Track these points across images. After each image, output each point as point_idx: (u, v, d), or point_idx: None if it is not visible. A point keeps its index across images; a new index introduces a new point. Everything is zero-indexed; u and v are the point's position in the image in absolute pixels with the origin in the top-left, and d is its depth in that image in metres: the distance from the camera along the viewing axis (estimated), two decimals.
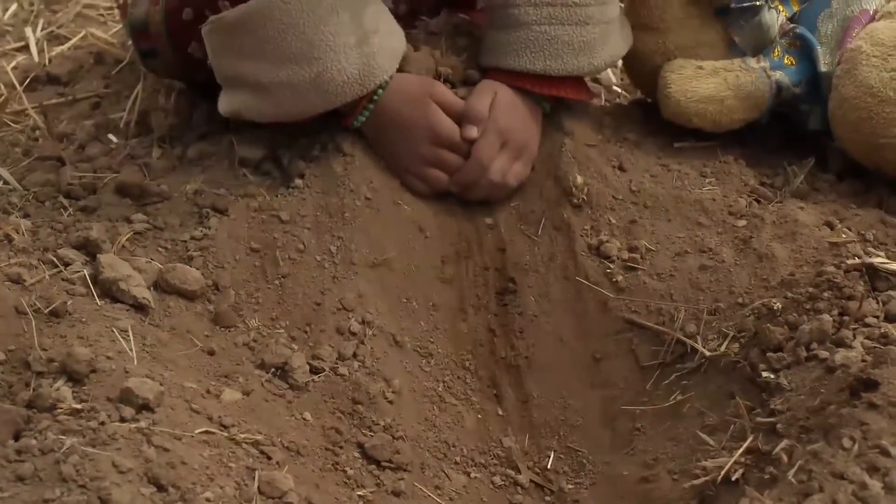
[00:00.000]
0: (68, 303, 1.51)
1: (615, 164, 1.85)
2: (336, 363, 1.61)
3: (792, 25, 1.95)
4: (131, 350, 1.46)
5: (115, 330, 1.49)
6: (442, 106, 1.79)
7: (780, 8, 1.97)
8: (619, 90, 2.19)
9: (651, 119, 2.01)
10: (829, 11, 1.94)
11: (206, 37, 1.82)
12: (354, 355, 1.63)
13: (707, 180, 1.86)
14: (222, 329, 1.61)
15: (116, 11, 2.53)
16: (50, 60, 2.38)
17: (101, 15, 2.58)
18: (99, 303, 1.54)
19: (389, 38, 1.79)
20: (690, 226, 1.78)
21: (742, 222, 1.78)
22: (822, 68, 1.90)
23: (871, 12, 1.93)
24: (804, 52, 1.92)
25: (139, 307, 1.57)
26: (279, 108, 1.77)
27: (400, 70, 1.80)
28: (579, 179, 1.79)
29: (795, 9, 1.99)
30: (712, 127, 1.90)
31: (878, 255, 1.63)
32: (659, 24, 1.94)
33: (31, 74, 2.31)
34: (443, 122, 1.79)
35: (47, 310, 1.50)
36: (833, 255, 1.67)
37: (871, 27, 1.88)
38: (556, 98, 1.85)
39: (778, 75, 1.90)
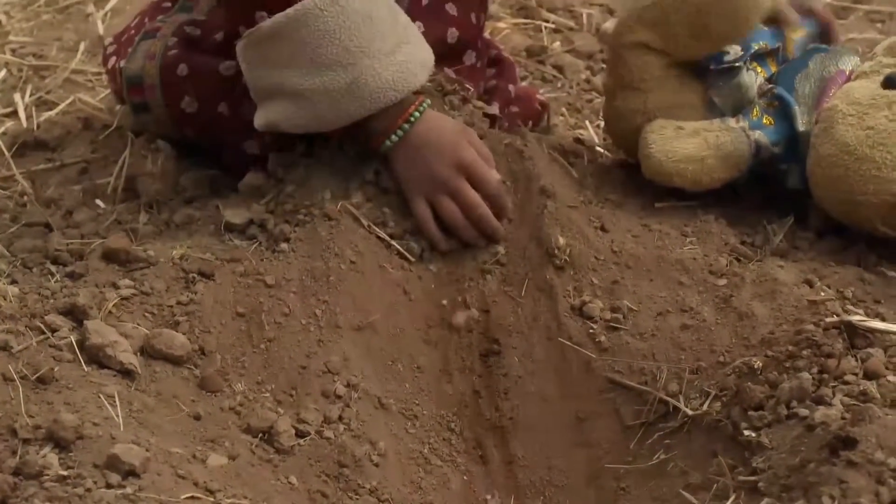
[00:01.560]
0: (55, 369, 1.52)
1: (597, 225, 1.87)
2: (322, 426, 1.62)
3: (770, 86, 1.98)
4: (118, 416, 1.47)
5: (101, 396, 1.50)
6: (473, 146, 1.84)
7: (759, 69, 2.00)
8: (602, 150, 2.21)
9: (632, 179, 2.04)
10: (807, 72, 1.98)
11: (240, 52, 1.84)
12: (340, 418, 1.64)
13: (688, 240, 1.88)
14: (208, 393, 1.63)
15: (104, 77, 2.57)
16: (38, 126, 2.40)
17: (90, 80, 2.60)
18: (86, 369, 1.56)
19: (421, 49, 1.84)
20: (672, 285, 1.80)
21: (723, 281, 1.80)
22: (801, 128, 1.93)
23: (847, 72, 1.97)
24: (782, 112, 1.96)
25: (126, 373, 1.58)
26: (315, 116, 1.80)
27: None
28: (561, 241, 1.81)
29: (773, 69, 2.02)
30: (692, 186, 1.93)
31: (857, 313, 1.65)
32: (640, 85, 1.97)
33: (20, 140, 2.33)
34: (474, 156, 1.82)
35: (34, 376, 1.51)
36: (812, 313, 1.69)
37: (847, 87, 1.92)
38: None
39: (757, 135, 1.93)
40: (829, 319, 1.63)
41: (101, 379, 1.54)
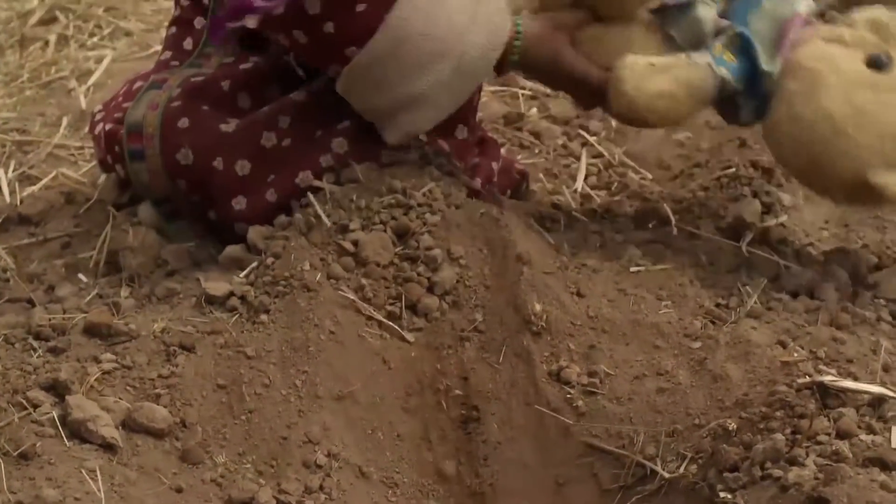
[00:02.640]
0: (37, 445, 1.54)
1: (573, 291, 1.89)
2: (303, 496, 1.64)
3: (728, 23, 2.00)
4: (99, 490, 1.49)
5: (83, 471, 1.52)
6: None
7: (711, 3, 2.02)
8: (578, 215, 2.24)
9: (608, 244, 2.07)
10: (761, 11, 2.00)
11: (345, 89, 1.97)
12: (321, 488, 1.65)
13: (663, 303, 1.90)
14: (190, 466, 1.64)
15: (87, 152, 2.60)
16: (21, 201, 2.41)
17: (72, 155, 2.62)
18: (68, 444, 1.57)
19: (494, 1, 1.94)
20: (648, 349, 1.82)
21: (697, 344, 1.82)
22: (763, 66, 1.96)
23: (804, 16, 2.00)
24: (743, 49, 1.97)
25: (107, 447, 1.59)
26: (442, 108, 1.96)
27: None
28: (538, 307, 1.83)
29: (723, 5, 2.04)
30: (661, 122, 1.99)
31: (829, 373, 1.68)
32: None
33: (3, 215, 2.35)
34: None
35: (16, 452, 1.52)
36: (785, 374, 1.71)
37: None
38: None
39: (723, 71, 1.95)
40: (801, 380, 1.65)
41: (82, 454, 1.56)
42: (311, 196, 1.93)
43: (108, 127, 2.14)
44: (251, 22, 1.93)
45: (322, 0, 1.89)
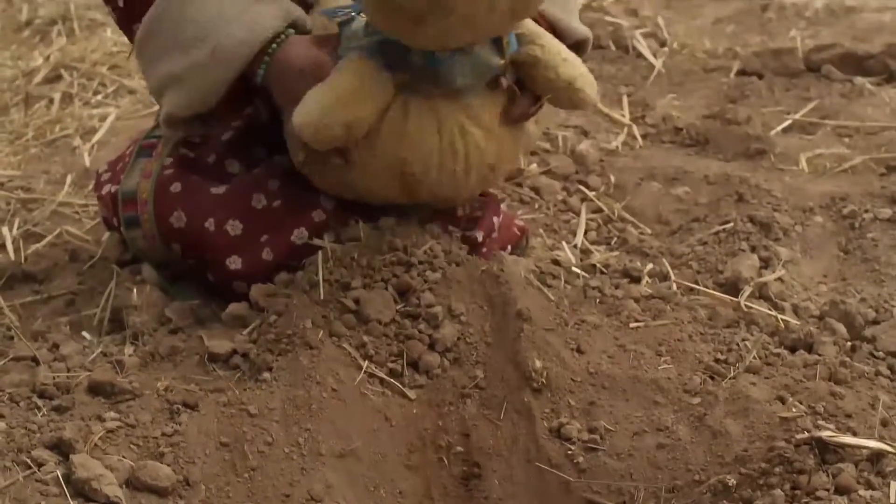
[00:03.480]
0: None
1: (573, 347, 1.91)
2: None
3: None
4: None
5: None
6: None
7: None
8: (578, 271, 2.26)
9: (608, 300, 2.09)
10: None
11: (141, 71, 2.01)
12: None
13: (663, 359, 1.92)
14: None
15: (90, 210, 2.62)
16: (26, 259, 2.43)
17: (76, 212, 2.65)
18: (72, 503, 1.58)
19: (277, 6, 1.95)
20: (648, 405, 1.83)
21: (697, 400, 1.83)
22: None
23: None
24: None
25: None
26: (195, 92, 1.97)
27: None
28: (538, 364, 1.85)
29: None
30: (348, 132, 1.91)
31: (828, 429, 1.69)
32: None
33: (8, 273, 2.36)
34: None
35: None
36: (784, 429, 1.72)
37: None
38: None
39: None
40: (800, 436, 1.66)
41: None
42: (317, 255, 1.95)
43: (113, 189, 2.17)
44: None
45: None
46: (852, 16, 3.75)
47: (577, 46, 2.11)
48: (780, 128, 2.99)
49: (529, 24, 1.97)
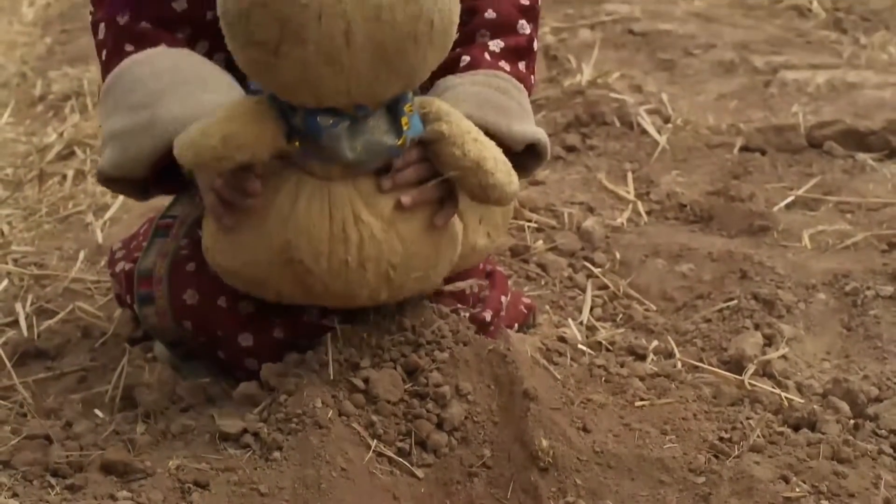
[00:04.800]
0: None
1: (579, 426, 1.93)
2: None
3: None
4: None
5: None
6: None
7: None
8: (584, 348, 2.29)
9: (614, 378, 2.12)
10: None
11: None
12: None
13: (668, 437, 1.94)
14: None
15: (102, 286, 2.66)
16: (39, 335, 2.46)
17: (89, 289, 2.68)
18: None
19: (221, 96, 1.94)
20: (653, 484, 1.85)
21: (701, 479, 1.85)
22: None
23: None
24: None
25: None
26: (124, 154, 1.97)
27: None
28: (545, 443, 1.87)
29: None
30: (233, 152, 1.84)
31: None
32: None
33: (21, 349, 2.39)
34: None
35: None
36: None
37: None
38: None
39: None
40: None
41: None
42: (327, 335, 1.98)
43: (127, 267, 2.21)
44: None
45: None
46: (853, 92, 3.80)
47: (532, 152, 2.06)
48: (782, 203, 3.03)
49: (439, 104, 1.90)
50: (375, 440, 1.87)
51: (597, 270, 2.69)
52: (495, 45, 2.09)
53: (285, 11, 1.67)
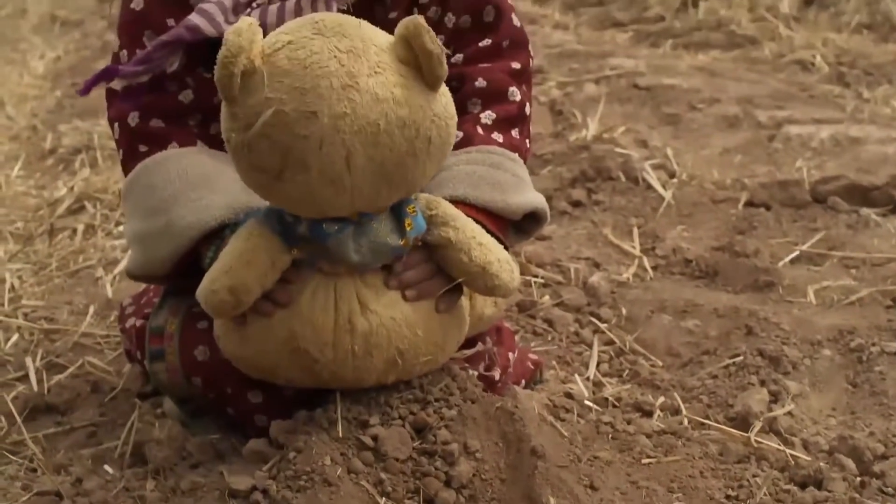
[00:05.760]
0: None
1: (586, 483, 1.93)
2: None
3: None
4: None
5: None
6: None
7: None
8: (591, 404, 2.30)
9: (620, 435, 2.13)
10: None
11: None
12: None
13: (675, 496, 1.95)
14: None
15: (112, 340, 2.68)
16: (49, 390, 2.48)
17: (98, 343, 2.70)
18: None
19: (229, 197, 2.01)
20: None
21: None
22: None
23: None
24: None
25: None
26: (147, 256, 2.07)
27: None
28: (553, 501, 1.87)
29: None
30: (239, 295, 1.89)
31: None
32: None
33: (31, 404, 2.40)
34: None
35: None
36: None
37: None
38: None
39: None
40: None
41: None
42: (335, 392, 2.00)
43: (138, 323, 2.24)
44: (117, 84, 2.11)
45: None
46: (857, 147, 3.83)
47: (533, 218, 2.13)
48: (787, 259, 3.05)
49: (445, 207, 1.94)
50: (384, 498, 1.88)
51: (603, 326, 2.70)
52: (487, 116, 2.13)
53: (287, 142, 1.73)
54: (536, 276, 2.91)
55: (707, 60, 5.12)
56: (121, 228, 3.36)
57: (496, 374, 2.15)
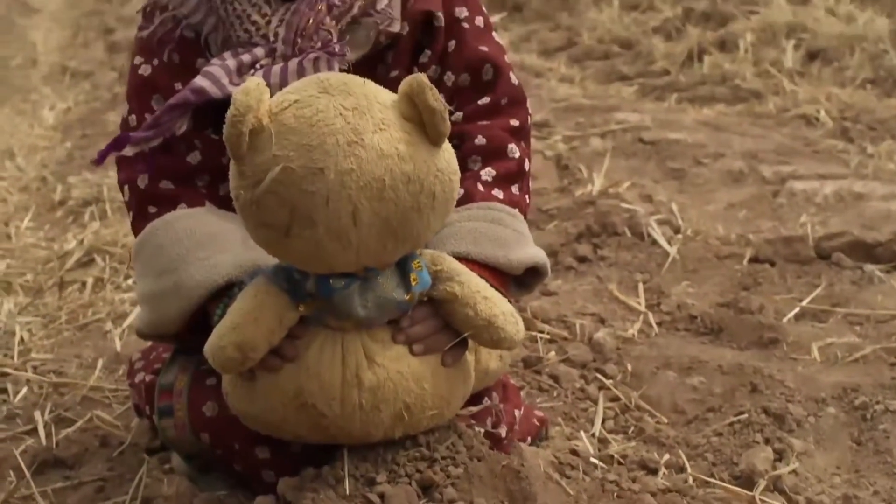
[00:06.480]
0: None
1: None
2: None
3: None
4: None
5: None
6: None
7: None
8: (596, 461, 2.31)
9: (625, 494, 2.13)
10: None
11: None
12: None
13: None
14: None
15: (121, 394, 2.69)
16: (57, 444, 2.49)
17: (107, 397, 2.72)
18: None
19: (233, 254, 2.04)
20: None
21: None
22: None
23: None
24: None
25: None
26: (157, 315, 2.10)
27: None
28: None
29: None
30: (248, 351, 1.90)
31: None
32: None
33: (39, 458, 2.42)
34: None
35: None
36: None
37: None
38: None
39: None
40: None
41: None
42: (343, 449, 2.01)
43: (147, 378, 2.26)
44: (129, 150, 2.13)
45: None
46: (861, 203, 3.85)
47: (534, 272, 2.16)
48: (791, 315, 3.07)
49: (450, 262, 1.96)
50: None
51: (608, 382, 2.71)
52: (487, 174, 2.16)
53: (295, 198, 1.76)
54: (542, 332, 2.93)
55: (712, 114, 5.16)
56: (129, 282, 3.39)
57: (502, 432, 2.16)
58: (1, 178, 4.81)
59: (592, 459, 2.32)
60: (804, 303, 3.13)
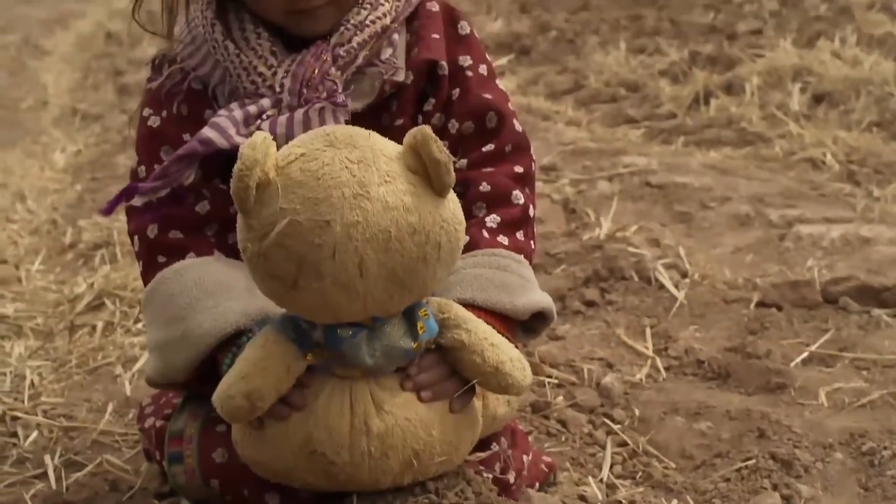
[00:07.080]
0: None
1: None
2: None
3: None
4: None
5: None
6: None
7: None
8: None
9: None
10: None
11: None
12: None
13: None
14: None
15: (130, 439, 2.71)
16: (67, 488, 2.50)
17: (116, 441, 2.73)
18: None
19: (246, 303, 2.05)
20: None
21: None
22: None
23: None
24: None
25: None
26: (166, 364, 2.11)
27: None
28: None
29: None
30: (258, 401, 1.91)
31: None
32: None
33: (49, 503, 2.43)
34: None
35: None
36: None
37: None
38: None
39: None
40: None
41: None
42: (352, 497, 2.02)
43: (157, 423, 2.27)
44: (137, 201, 2.18)
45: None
46: (867, 248, 3.86)
47: (540, 317, 2.19)
48: (798, 359, 3.07)
49: (457, 309, 1.98)
50: None
51: (616, 427, 2.72)
52: (492, 220, 2.19)
53: (301, 251, 1.78)
54: (550, 377, 2.94)
55: (718, 158, 5.18)
56: (140, 326, 3.41)
57: (511, 477, 2.17)
58: (12, 221, 4.83)
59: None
60: (812, 348, 3.13)
